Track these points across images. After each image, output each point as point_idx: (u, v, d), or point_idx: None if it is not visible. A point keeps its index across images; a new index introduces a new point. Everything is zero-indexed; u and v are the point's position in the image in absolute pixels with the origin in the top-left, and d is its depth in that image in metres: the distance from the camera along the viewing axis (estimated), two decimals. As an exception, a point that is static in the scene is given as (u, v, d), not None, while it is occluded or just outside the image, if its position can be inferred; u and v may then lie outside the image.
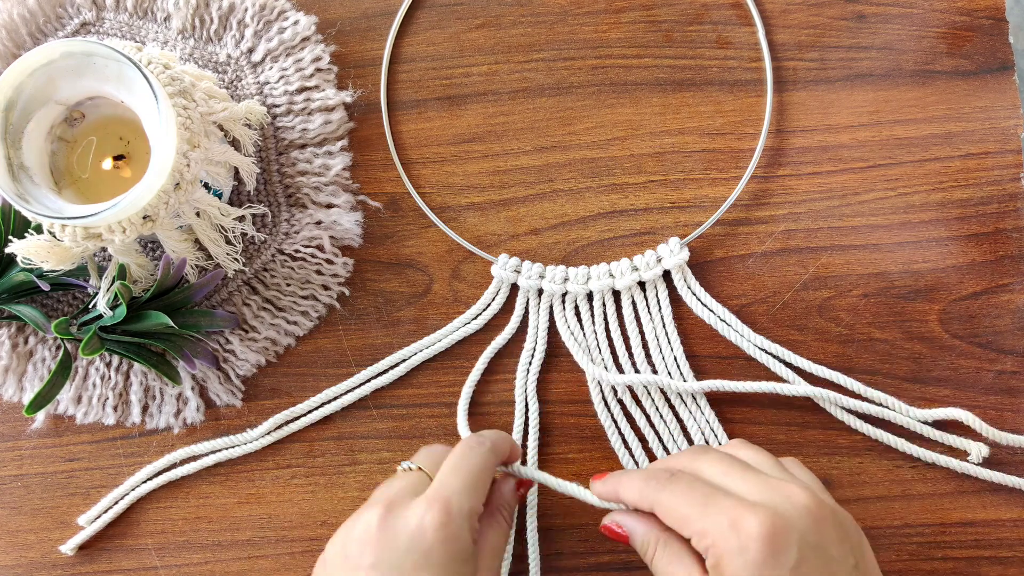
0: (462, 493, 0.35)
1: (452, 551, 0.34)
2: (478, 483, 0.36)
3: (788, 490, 0.33)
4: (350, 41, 0.49)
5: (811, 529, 0.32)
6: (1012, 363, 0.45)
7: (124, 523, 0.47)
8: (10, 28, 0.47)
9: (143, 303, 0.42)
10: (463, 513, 0.35)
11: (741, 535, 0.32)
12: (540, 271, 0.46)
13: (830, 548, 0.32)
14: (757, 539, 0.31)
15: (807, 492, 0.33)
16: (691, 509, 0.33)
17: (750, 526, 0.31)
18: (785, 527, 0.31)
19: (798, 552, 0.31)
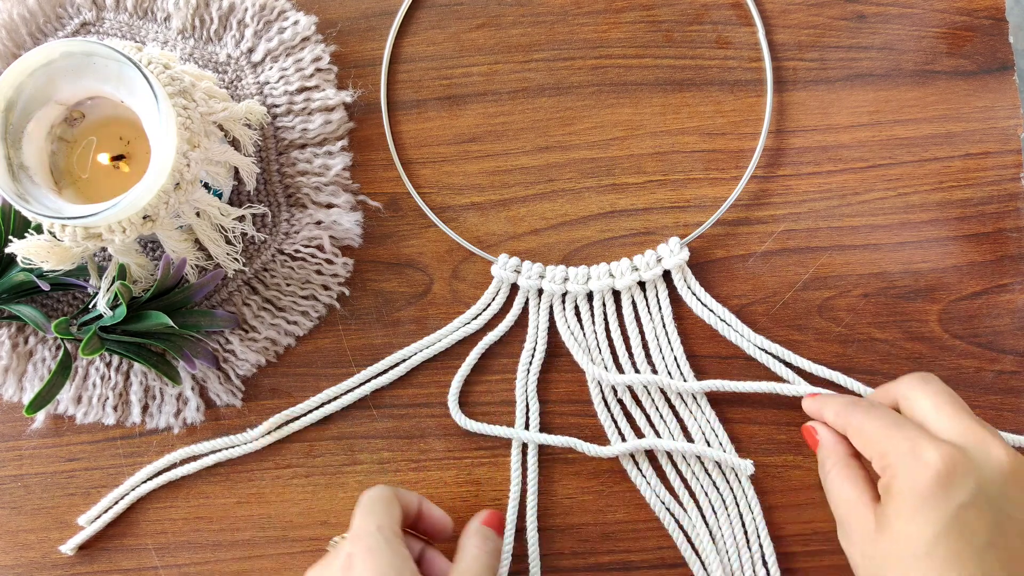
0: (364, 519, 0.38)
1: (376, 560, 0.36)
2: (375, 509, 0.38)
3: (991, 443, 0.33)
4: (350, 41, 0.49)
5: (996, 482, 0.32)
6: (1012, 363, 0.45)
7: (124, 523, 0.47)
8: (10, 28, 0.47)
9: (143, 303, 0.42)
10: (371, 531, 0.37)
11: (919, 461, 0.32)
12: (540, 271, 0.46)
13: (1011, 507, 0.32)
14: (932, 467, 0.32)
15: (1009, 452, 0.32)
16: (879, 431, 0.34)
17: (929, 456, 0.32)
18: (966, 468, 0.32)
19: (971, 495, 0.31)
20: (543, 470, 0.46)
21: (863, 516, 0.34)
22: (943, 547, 0.31)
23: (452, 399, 0.46)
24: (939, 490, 0.31)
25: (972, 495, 0.31)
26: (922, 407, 0.35)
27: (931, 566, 0.31)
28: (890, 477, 0.33)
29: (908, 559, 0.32)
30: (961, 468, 0.31)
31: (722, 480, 0.45)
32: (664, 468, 0.45)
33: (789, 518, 0.45)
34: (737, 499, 0.45)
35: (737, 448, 0.45)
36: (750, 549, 0.44)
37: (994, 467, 0.32)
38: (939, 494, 0.31)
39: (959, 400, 0.35)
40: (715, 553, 0.44)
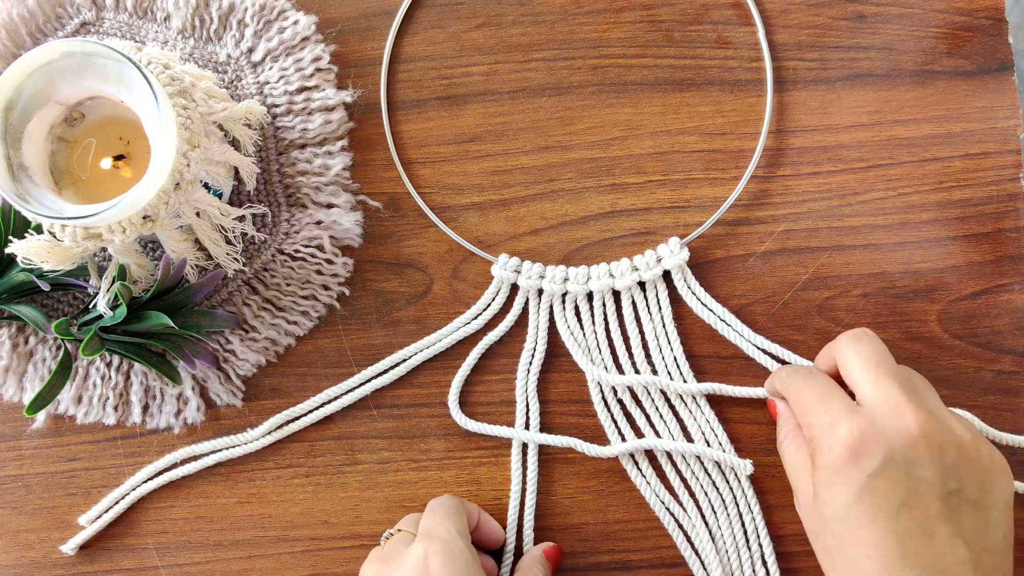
0: (443, 521, 0.39)
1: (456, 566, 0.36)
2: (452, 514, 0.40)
3: (902, 409, 0.34)
4: (350, 41, 0.49)
5: (903, 447, 0.34)
6: (1012, 363, 0.46)
7: (124, 523, 0.47)
8: (10, 28, 0.47)
9: (143, 303, 0.42)
10: (452, 534, 0.38)
11: (834, 435, 0.35)
12: (540, 271, 0.46)
13: (922, 470, 0.34)
14: (843, 442, 0.34)
15: (919, 416, 0.34)
16: (809, 402, 0.37)
17: (842, 429, 0.34)
18: (874, 438, 0.34)
19: (879, 464, 0.34)
20: (543, 470, 0.46)
21: (806, 484, 0.37)
22: (857, 511, 0.34)
23: (452, 399, 0.46)
24: (849, 463, 0.34)
25: (881, 463, 0.34)
26: (851, 368, 0.37)
27: (848, 527, 0.34)
28: (813, 448, 0.36)
29: (832, 522, 0.35)
30: (870, 439, 0.34)
31: (722, 480, 0.45)
32: (664, 468, 0.45)
33: (789, 518, 0.45)
34: (737, 499, 0.45)
35: (737, 448, 0.45)
36: (750, 549, 0.44)
37: (900, 432, 0.34)
38: (849, 466, 0.34)
39: (885, 360, 0.37)
40: (715, 553, 0.44)
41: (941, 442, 0.34)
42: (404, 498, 0.46)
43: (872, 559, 0.34)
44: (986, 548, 0.34)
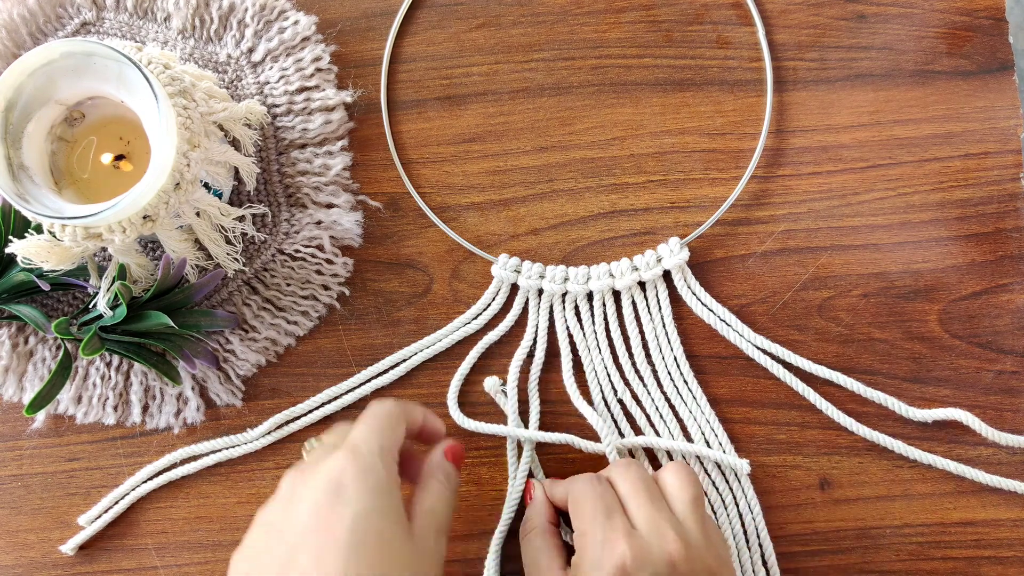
0: (368, 436, 0.37)
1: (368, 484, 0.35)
2: (383, 427, 0.37)
3: (667, 535, 0.37)
4: (350, 41, 0.49)
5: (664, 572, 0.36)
6: (1012, 363, 0.45)
7: (124, 523, 0.47)
8: (10, 28, 0.47)
9: (143, 303, 0.42)
10: (372, 451, 0.36)
11: (605, 553, 0.36)
12: (540, 271, 0.46)
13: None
14: (613, 563, 0.36)
15: (681, 542, 0.36)
16: (590, 510, 0.38)
17: (615, 550, 0.36)
18: (641, 562, 0.36)
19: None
20: (543, 470, 0.46)
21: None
22: None
23: (451, 398, 0.46)
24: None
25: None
26: (622, 491, 0.39)
27: None
28: (580, 558, 0.37)
29: None
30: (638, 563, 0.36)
31: (722, 480, 0.45)
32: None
33: (789, 518, 0.45)
34: (737, 499, 0.45)
35: (737, 448, 0.45)
36: (750, 549, 0.44)
37: (664, 558, 0.36)
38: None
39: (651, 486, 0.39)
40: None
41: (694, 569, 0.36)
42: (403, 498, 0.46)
43: None
44: None
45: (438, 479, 0.39)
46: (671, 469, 0.40)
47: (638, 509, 0.38)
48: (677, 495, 0.39)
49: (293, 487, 0.36)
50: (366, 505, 0.34)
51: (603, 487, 0.39)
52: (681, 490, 0.39)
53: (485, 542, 0.45)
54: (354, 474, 0.35)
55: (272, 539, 0.35)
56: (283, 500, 0.36)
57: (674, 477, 0.39)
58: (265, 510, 0.36)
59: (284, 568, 0.33)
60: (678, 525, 0.37)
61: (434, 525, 0.37)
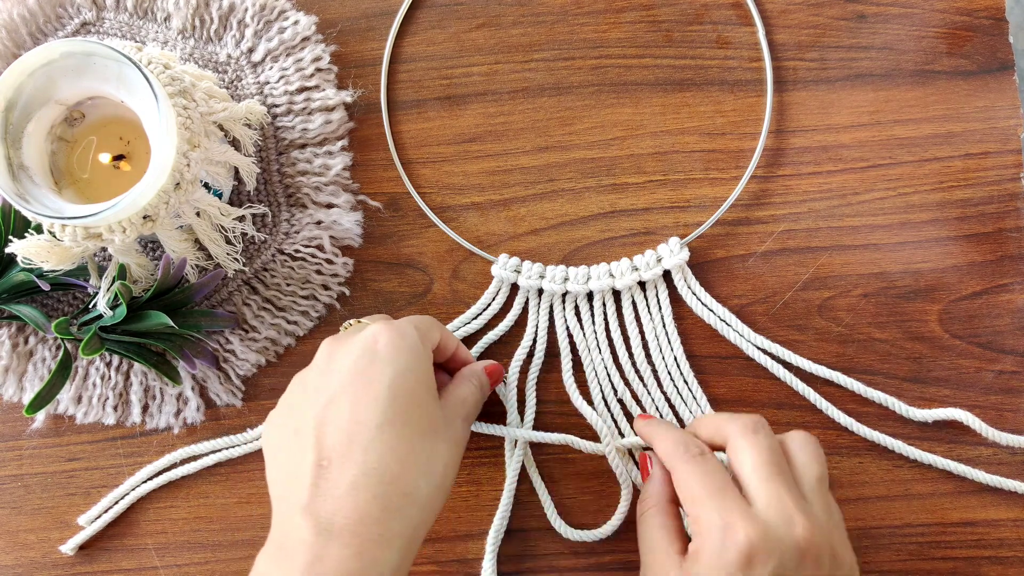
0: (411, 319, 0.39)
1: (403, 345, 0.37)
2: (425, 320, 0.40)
3: (795, 518, 0.34)
4: (350, 41, 0.49)
5: (792, 559, 0.33)
6: (1012, 363, 0.45)
7: (124, 523, 0.47)
8: (10, 28, 0.47)
9: (143, 303, 0.42)
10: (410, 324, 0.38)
11: (727, 538, 0.33)
12: (540, 271, 0.46)
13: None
14: (737, 548, 0.33)
15: (810, 527, 0.34)
16: (700, 493, 0.35)
17: (738, 534, 0.33)
18: (768, 547, 0.33)
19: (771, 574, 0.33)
20: (543, 470, 0.46)
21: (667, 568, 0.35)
22: None
23: None
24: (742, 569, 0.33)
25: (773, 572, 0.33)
26: (743, 462, 0.36)
27: None
28: (699, 544, 0.34)
29: None
30: (763, 549, 0.33)
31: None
32: (664, 468, 0.45)
33: (789, 518, 0.45)
34: (737, 499, 0.45)
35: (737, 448, 0.45)
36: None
37: (793, 542, 0.33)
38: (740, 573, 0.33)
39: (779, 459, 0.36)
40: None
41: (821, 554, 0.34)
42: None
43: None
44: None
45: (471, 382, 0.41)
46: (799, 440, 0.37)
47: (762, 485, 0.35)
48: (806, 472, 0.36)
49: (331, 353, 0.38)
50: (402, 365, 0.36)
51: (711, 464, 0.36)
52: (810, 467, 0.36)
53: (484, 542, 0.45)
54: (389, 338, 0.37)
55: (310, 394, 0.37)
56: (321, 363, 0.38)
57: (802, 450, 0.36)
58: (303, 373, 0.38)
59: (322, 416, 0.36)
60: (806, 506, 0.35)
61: (463, 412, 0.40)
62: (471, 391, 0.41)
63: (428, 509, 0.36)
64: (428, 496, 0.36)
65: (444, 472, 0.37)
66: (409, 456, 0.35)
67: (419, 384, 0.37)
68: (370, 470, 0.34)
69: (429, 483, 0.36)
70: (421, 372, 0.37)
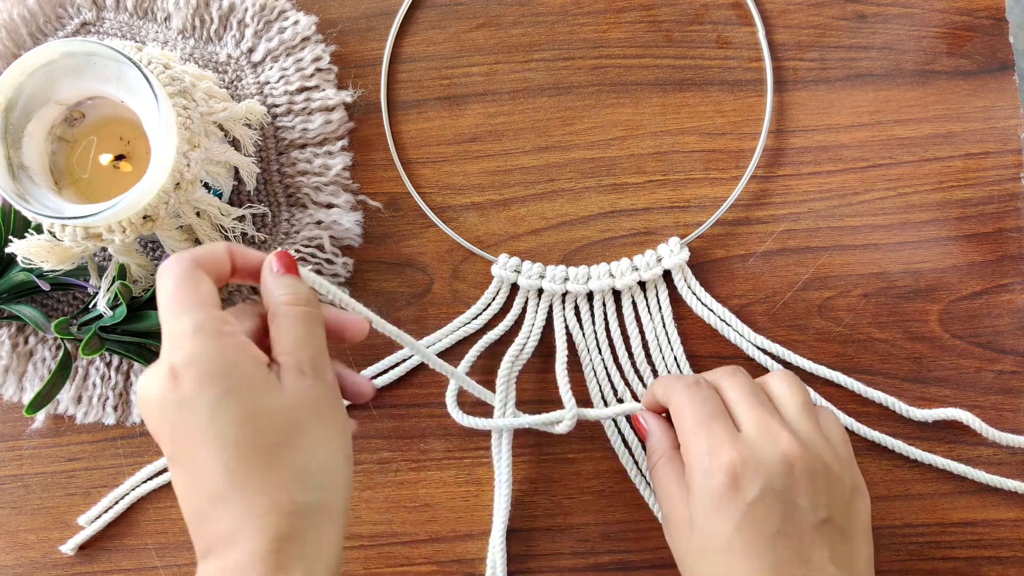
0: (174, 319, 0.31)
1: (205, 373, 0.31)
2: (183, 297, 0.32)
3: (779, 435, 0.34)
4: (350, 41, 0.49)
5: (781, 475, 0.34)
6: (1012, 363, 0.45)
7: (124, 523, 0.47)
8: (10, 28, 0.47)
9: (143, 303, 0.42)
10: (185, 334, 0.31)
11: (713, 462, 0.34)
12: (540, 271, 0.46)
13: (797, 496, 0.34)
14: (722, 470, 0.34)
15: (795, 441, 0.34)
16: (691, 419, 0.36)
17: (722, 456, 0.34)
18: (753, 466, 0.34)
19: (759, 492, 0.33)
20: (543, 470, 0.46)
21: (680, 513, 0.36)
22: (738, 541, 0.33)
23: (450, 397, 0.46)
24: (729, 491, 0.34)
25: (760, 492, 0.33)
26: (727, 399, 0.37)
27: (730, 559, 0.34)
28: (689, 473, 0.35)
29: (711, 553, 0.34)
30: (750, 468, 0.34)
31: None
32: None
33: (789, 518, 0.45)
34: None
35: (737, 448, 0.45)
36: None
37: (779, 459, 0.34)
38: (730, 494, 0.34)
39: (758, 391, 0.36)
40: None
41: (812, 468, 0.34)
42: (404, 498, 0.46)
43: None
44: (854, 571, 0.34)
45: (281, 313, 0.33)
46: (776, 376, 0.38)
47: (745, 413, 0.35)
48: (787, 400, 0.36)
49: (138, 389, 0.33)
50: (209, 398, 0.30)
51: (704, 392, 0.37)
52: (790, 395, 0.36)
53: (485, 542, 0.45)
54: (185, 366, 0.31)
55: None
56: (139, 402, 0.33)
57: (780, 383, 0.37)
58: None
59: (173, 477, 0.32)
60: (792, 428, 0.35)
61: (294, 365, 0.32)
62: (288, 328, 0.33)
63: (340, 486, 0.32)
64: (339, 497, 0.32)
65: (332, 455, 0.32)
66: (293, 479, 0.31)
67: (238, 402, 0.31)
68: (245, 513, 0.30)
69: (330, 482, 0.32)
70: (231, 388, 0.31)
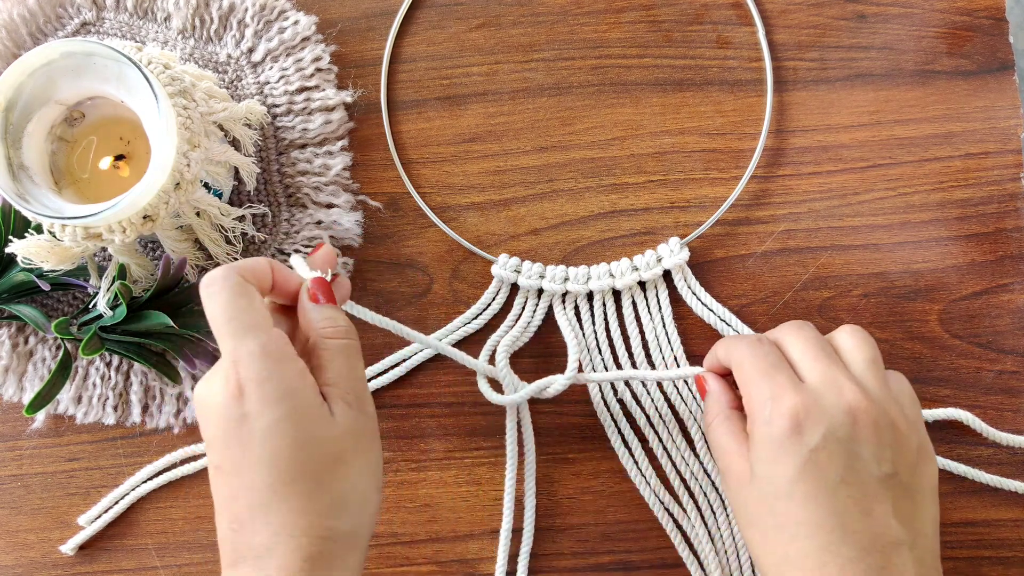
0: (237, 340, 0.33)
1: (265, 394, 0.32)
2: (240, 318, 0.33)
3: (844, 386, 0.34)
4: (350, 41, 0.49)
5: (844, 424, 0.33)
6: (1012, 363, 0.45)
7: (124, 523, 0.47)
8: (10, 28, 0.47)
9: (143, 303, 0.42)
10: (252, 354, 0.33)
11: (774, 408, 0.34)
12: (540, 271, 0.46)
13: (860, 447, 0.33)
14: (784, 416, 0.33)
15: (860, 393, 0.34)
16: (752, 372, 0.36)
17: (783, 403, 0.34)
18: (816, 413, 0.33)
19: (821, 439, 0.33)
20: (543, 471, 0.46)
21: (739, 465, 0.36)
22: (800, 488, 0.33)
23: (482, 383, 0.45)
24: (791, 436, 0.33)
25: (823, 438, 0.33)
26: (792, 351, 0.36)
27: (790, 506, 0.33)
28: (751, 423, 0.35)
29: (771, 500, 0.34)
30: (813, 414, 0.33)
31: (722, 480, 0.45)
32: (664, 468, 0.45)
33: (789, 518, 0.45)
34: (737, 499, 0.45)
35: (737, 448, 0.45)
36: (750, 549, 0.44)
37: (843, 408, 0.34)
38: (792, 440, 0.33)
39: (825, 345, 0.36)
40: (713, 554, 0.44)
41: (877, 422, 0.34)
42: (404, 498, 0.46)
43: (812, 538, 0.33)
44: (918, 531, 0.34)
45: (322, 346, 0.35)
46: (846, 330, 0.37)
47: (810, 364, 0.35)
48: (854, 355, 0.36)
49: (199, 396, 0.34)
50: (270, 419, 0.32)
51: (766, 347, 0.36)
52: (858, 350, 0.36)
53: (485, 542, 0.45)
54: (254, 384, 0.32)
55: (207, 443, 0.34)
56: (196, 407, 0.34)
57: (849, 337, 0.37)
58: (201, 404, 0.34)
59: (213, 479, 0.34)
60: (857, 380, 0.35)
61: (341, 397, 0.34)
62: (329, 361, 0.35)
63: (370, 515, 0.34)
64: (358, 523, 0.34)
65: (368, 486, 0.34)
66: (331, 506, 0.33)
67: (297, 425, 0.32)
68: (282, 531, 0.32)
69: (362, 511, 0.34)
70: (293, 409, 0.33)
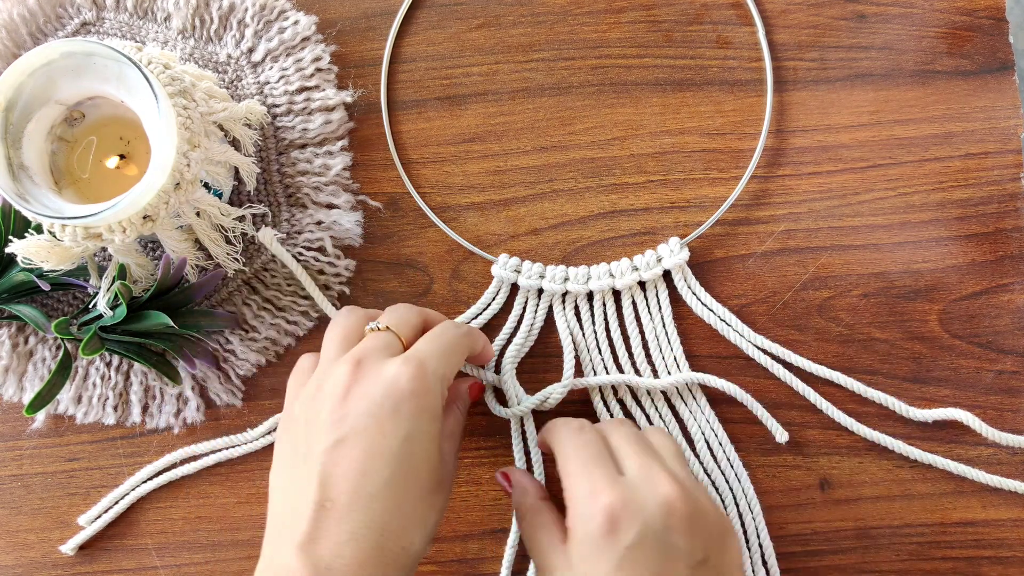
0: (437, 358, 0.37)
1: (423, 405, 0.36)
2: (452, 355, 0.38)
3: (658, 479, 0.35)
4: (350, 41, 0.49)
5: (659, 517, 0.34)
6: (1012, 363, 0.45)
7: (124, 523, 0.47)
8: (10, 28, 0.47)
9: (143, 303, 0.42)
10: (437, 375, 0.37)
11: (593, 504, 0.34)
12: (540, 271, 0.46)
13: (675, 539, 0.34)
14: (601, 513, 0.34)
15: (674, 486, 0.35)
16: (575, 462, 0.36)
17: (602, 499, 0.34)
18: (633, 509, 0.34)
19: (637, 536, 0.34)
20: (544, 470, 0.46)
21: (555, 560, 0.36)
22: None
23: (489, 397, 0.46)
24: (608, 536, 0.34)
25: (638, 535, 0.33)
26: (613, 439, 0.38)
27: None
28: (571, 516, 0.35)
29: None
30: (629, 509, 0.34)
31: (722, 480, 0.45)
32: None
33: (789, 518, 0.45)
34: (737, 499, 0.45)
35: (737, 448, 0.45)
36: (750, 549, 0.44)
37: (658, 502, 0.34)
38: (608, 539, 0.34)
39: (642, 438, 0.38)
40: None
41: (691, 512, 0.34)
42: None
43: None
44: None
45: (459, 407, 0.41)
46: (651, 429, 0.39)
47: (629, 457, 0.36)
48: (664, 448, 0.38)
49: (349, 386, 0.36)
50: (418, 427, 0.35)
51: (588, 435, 0.37)
52: (666, 444, 0.38)
53: (485, 542, 0.45)
54: (413, 390, 0.36)
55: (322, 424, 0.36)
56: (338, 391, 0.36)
57: (656, 434, 0.39)
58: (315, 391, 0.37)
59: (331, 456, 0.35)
60: (669, 470, 0.36)
61: (454, 448, 0.40)
62: (457, 421, 0.41)
63: (420, 557, 0.36)
64: (423, 548, 0.36)
65: (437, 521, 0.37)
66: (412, 514, 0.35)
67: (431, 443, 0.36)
68: (372, 523, 0.34)
69: (424, 537, 0.36)
70: (435, 432, 0.36)
